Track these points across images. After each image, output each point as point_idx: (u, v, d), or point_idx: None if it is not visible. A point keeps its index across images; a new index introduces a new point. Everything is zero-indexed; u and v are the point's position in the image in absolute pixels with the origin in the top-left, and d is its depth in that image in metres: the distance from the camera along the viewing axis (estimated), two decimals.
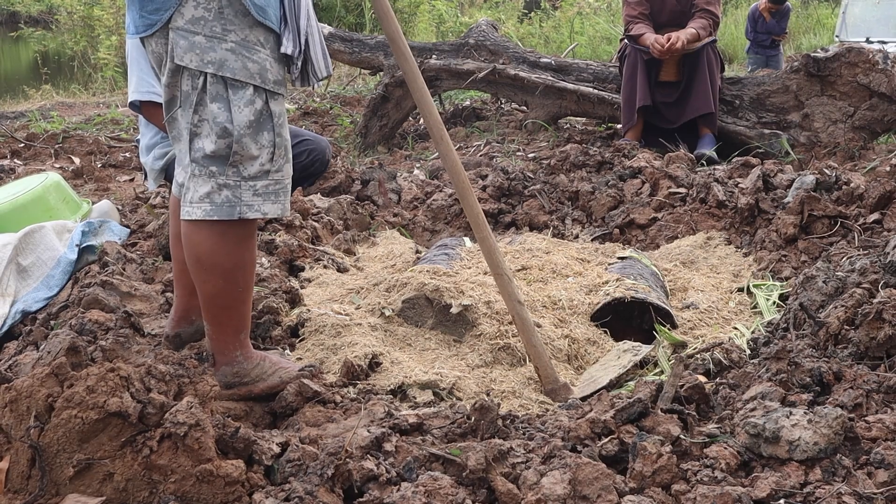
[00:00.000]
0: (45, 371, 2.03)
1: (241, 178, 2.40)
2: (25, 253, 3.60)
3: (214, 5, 2.34)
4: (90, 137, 7.42)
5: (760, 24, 11.56)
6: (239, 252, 2.47)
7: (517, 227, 4.68)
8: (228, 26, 2.35)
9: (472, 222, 2.85)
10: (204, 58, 2.33)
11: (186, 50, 2.33)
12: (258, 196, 2.43)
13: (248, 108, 2.38)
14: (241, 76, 2.36)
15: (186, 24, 2.33)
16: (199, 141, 2.38)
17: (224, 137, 2.36)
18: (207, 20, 2.34)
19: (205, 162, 2.38)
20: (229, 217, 2.39)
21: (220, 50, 2.34)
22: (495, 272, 2.83)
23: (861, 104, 5.66)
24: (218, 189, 2.38)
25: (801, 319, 2.84)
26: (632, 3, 6.35)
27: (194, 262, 2.47)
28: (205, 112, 2.37)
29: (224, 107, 2.36)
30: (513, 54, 7.25)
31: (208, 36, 2.34)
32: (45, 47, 18.04)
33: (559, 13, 16.32)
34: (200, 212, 2.39)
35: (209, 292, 2.50)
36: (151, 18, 2.34)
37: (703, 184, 4.47)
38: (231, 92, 2.36)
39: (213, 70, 2.34)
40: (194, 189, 2.40)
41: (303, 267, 3.83)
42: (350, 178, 5.11)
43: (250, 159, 2.40)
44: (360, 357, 2.86)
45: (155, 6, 2.33)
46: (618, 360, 2.93)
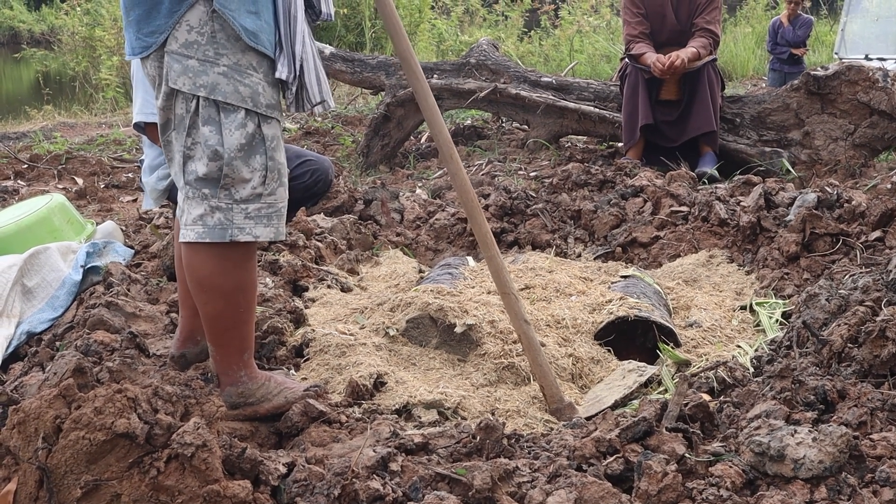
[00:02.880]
0: (52, 392, 2.04)
1: (232, 201, 2.41)
2: (30, 274, 3.61)
3: (207, 30, 2.36)
4: (93, 158, 7.44)
5: (780, 34, 11.61)
6: (239, 274, 2.49)
7: (520, 246, 4.69)
8: (221, 50, 2.37)
9: (480, 241, 2.86)
10: (196, 81, 2.35)
11: (180, 73, 2.35)
12: (250, 219, 2.43)
13: (240, 132, 2.39)
14: (232, 100, 2.38)
15: (180, 47, 2.35)
16: (192, 164, 2.40)
17: (215, 160, 2.37)
18: (200, 44, 2.36)
19: (198, 184, 2.40)
20: (220, 239, 2.40)
21: (213, 73, 2.36)
22: (503, 291, 2.83)
23: (861, 122, 5.67)
24: (210, 211, 2.40)
25: (804, 337, 2.85)
26: (632, 22, 6.37)
27: (195, 285, 2.48)
28: (197, 135, 2.38)
29: (216, 130, 2.37)
30: (514, 73, 7.27)
31: (201, 60, 2.35)
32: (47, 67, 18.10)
33: (559, 32, 16.37)
34: (194, 234, 2.41)
35: (211, 314, 2.51)
36: (147, 41, 2.38)
37: (704, 202, 4.48)
38: (223, 115, 2.37)
39: (205, 93, 2.36)
40: (188, 211, 2.42)
41: (307, 287, 3.84)
42: (353, 198, 5.13)
43: (242, 182, 2.41)
44: (364, 377, 2.87)
45: (150, 29, 2.37)
46: (623, 381, 2.94)
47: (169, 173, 4.21)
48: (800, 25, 11.55)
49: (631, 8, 6.40)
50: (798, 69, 11.22)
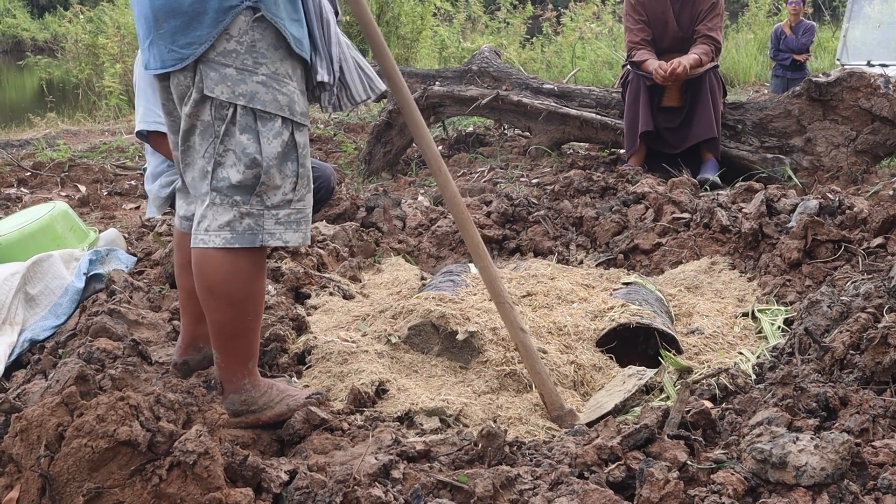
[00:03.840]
0: (55, 400, 2.04)
1: (264, 207, 2.42)
2: (33, 282, 3.62)
3: (247, 39, 2.37)
4: (96, 165, 7.45)
5: (783, 41, 11.64)
6: (251, 281, 2.49)
7: (522, 253, 4.69)
8: (260, 59, 2.39)
9: (472, 252, 2.88)
10: (235, 90, 2.36)
11: (217, 82, 2.36)
12: (280, 224, 2.45)
13: (277, 140, 2.42)
14: (271, 108, 2.41)
15: (217, 56, 2.36)
16: (223, 170, 2.40)
17: (252, 168, 2.38)
18: (239, 53, 2.37)
19: (229, 191, 2.40)
20: (251, 245, 2.41)
21: (251, 82, 2.38)
22: (497, 300, 2.85)
23: (863, 128, 5.67)
24: (240, 217, 2.40)
25: (806, 344, 2.85)
26: (634, 29, 6.38)
27: (206, 291, 2.48)
28: (231, 142, 2.38)
29: (253, 138, 2.39)
30: (515, 80, 7.29)
31: (239, 68, 2.37)
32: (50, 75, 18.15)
33: (561, 38, 16.40)
34: (220, 240, 2.40)
35: (219, 321, 2.51)
36: (183, 52, 2.36)
37: (706, 209, 4.48)
38: (260, 123, 2.40)
39: (245, 102, 2.37)
40: (213, 217, 2.41)
41: (309, 294, 3.84)
42: (355, 205, 5.13)
43: (274, 189, 2.43)
44: (366, 384, 2.87)
45: (188, 40, 2.35)
46: (623, 385, 2.94)
47: (172, 181, 4.23)
48: (803, 32, 11.58)
49: (633, 15, 6.41)
50: (801, 75, 11.24)
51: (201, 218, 2.43)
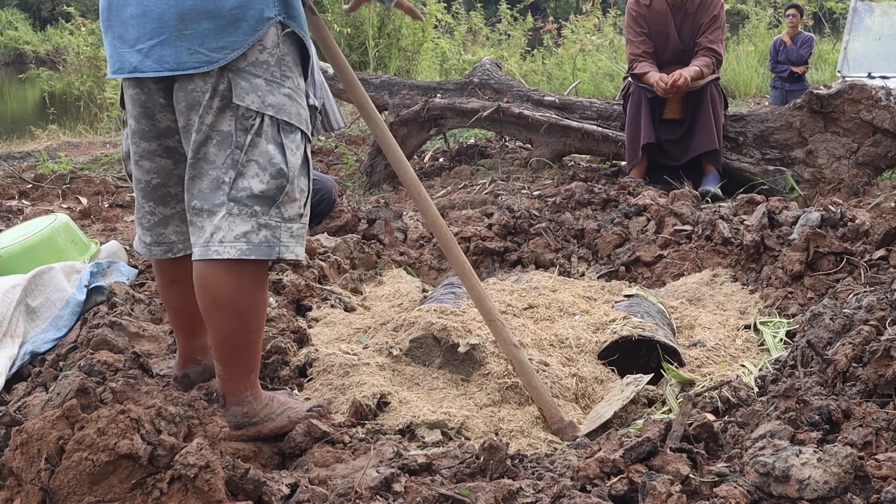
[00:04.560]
0: (55, 413, 2.04)
1: (281, 220, 2.43)
2: (34, 294, 3.61)
3: (277, 52, 2.40)
4: (97, 178, 7.45)
5: (783, 53, 11.68)
6: (255, 293, 2.49)
7: (523, 266, 4.69)
8: (287, 73, 2.42)
9: (458, 273, 2.90)
10: (265, 100, 2.38)
11: (248, 91, 2.36)
12: (293, 238, 2.46)
13: (299, 152, 2.45)
14: (294, 121, 2.44)
15: (248, 66, 2.37)
16: (243, 181, 2.38)
17: (277, 178, 2.39)
18: (270, 65, 2.39)
19: (249, 201, 2.38)
20: (267, 256, 2.41)
21: (279, 94, 2.40)
22: (488, 319, 2.87)
23: (864, 140, 5.68)
24: (257, 228, 2.39)
25: (808, 357, 2.84)
26: (635, 41, 6.40)
27: (210, 304, 2.47)
28: (255, 153, 2.38)
29: (279, 149, 2.40)
30: (517, 92, 7.29)
31: (268, 80, 2.38)
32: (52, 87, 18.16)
33: (562, 50, 16.42)
34: (235, 251, 2.38)
35: (223, 333, 2.50)
36: (212, 56, 2.34)
37: (708, 221, 4.48)
38: (283, 135, 2.42)
39: (273, 113, 2.38)
40: (228, 228, 2.39)
41: (310, 306, 3.84)
42: (356, 218, 5.14)
43: (292, 201, 2.44)
44: (368, 397, 2.87)
45: (221, 44, 2.33)
46: (621, 394, 2.94)
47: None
48: (801, 44, 11.61)
49: (634, 27, 6.42)
50: (799, 87, 11.27)
51: (214, 229, 2.40)
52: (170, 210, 2.70)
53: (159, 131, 2.57)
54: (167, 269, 2.81)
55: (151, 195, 2.67)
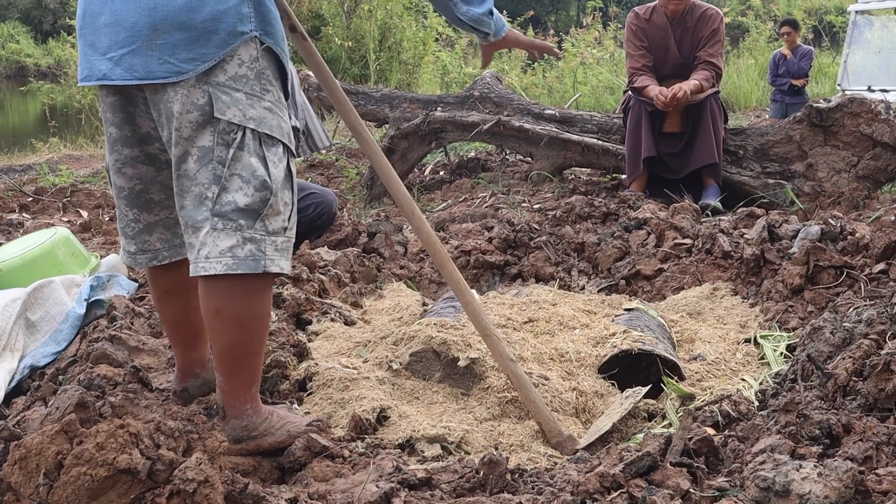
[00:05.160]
0: (54, 428, 2.04)
1: (266, 233, 2.42)
2: (34, 308, 3.61)
3: (257, 66, 2.41)
4: (98, 191, 7.46)
5: (782, 65, 11.72)
6: (259, 303, 2.50)
7: (523, 279, 4.69)
8: (267, 87, 2.44)
9: (453, 289, 2.91)
10: (246, 113, 2.39)
11: (229, 105, 2.37)
12: (277, 251, 2.46)
13: (281, 165, 2.46)
14: (276, 134, 2.44)
15: (228, 80, 2.37)
16: (227, 195, 2.38)
17: (262, 190, 2.40)
18: (249, 79, 2.40)
19: (234, 215, 2.39)
20: (253, 270, 2.40)
21: (259, 108, 2.41)
22: (484, 334, 2.87)
23: (864, 154, 5.68)
24: (242, 242, 2.39)
25: (808, 371, 2.84)
26: (635, 55, 6.41)
27: (213, 314, 2.47)
28: (237, 166, 2.38)
29: (261, 162, 2.40)
30: (517, 106, 7.31)
31: (248, 94, 2.39)
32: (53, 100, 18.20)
33: (562, 63, 16.46)
34: (221, 266, 2.38)
35: (225, 344, 2.50)
36: (182, 67, 2.34)
37: (708, 234, 4.48)
38: (265, 148, 2.42)
39: (254, 126, 2.39)
40: (213, 243, 2.39)
41: (310, 320, 3.83)
42: (356, 231, 5.14)
43: (276, 215, 2.44)
44: (367, 411, 2.86)
45: (191, 55, 2.34)
46: (620, 407, 2.94)
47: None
48: (801, 57, 11.65)
49: (634, 41, 6.44)
50: (799, 100, 11.30)
51: (200, 245, 2.40)
52: (154, 217, 2.71)
53: (140, 137, 2.59)
54: (160, 281, 2.82)
55: (135, 202, 2.68)
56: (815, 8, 22.34)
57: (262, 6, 2.43)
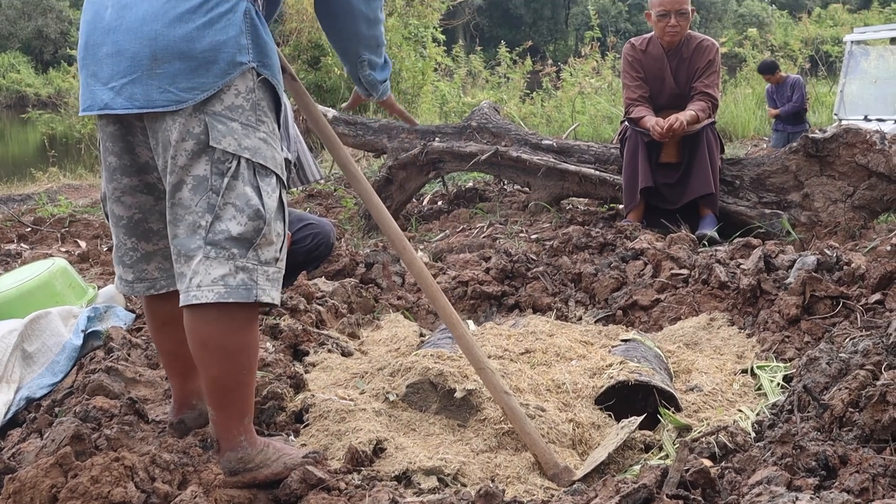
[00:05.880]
0: (49, 461, 2.04)
1: (258, 263, 2.44)
2: (31, 339, 3.61)
3: (253, 97, 2.44)
4: (96, 221, 7.48)
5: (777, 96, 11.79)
6: (245, 334, 2.50)
7: (520, 310, 4.69)
8: (262, 118, 2.46)
9: (447, 323, 2.92)
10: (241, 143, 2.41)
11: (225, 134, 2.39)
12: (269, 281, 2.47)
13: (274, 195, 2.47)
14: (270, 164, 2.46)
15: (224, 110, 2.39)
16: (221, 223, 2.40)
17: (255, 220, 2.41)
18: (245, 109, 2.42)
19: (227, 244, 2.40)
20: (245, 300, 2.41)
21: (254, 138, 2.43)
22: (478, 367, 2.88)
23: (860, 184, 5.70)
24: (234, 271, 2.40)
25: (805, 402, 2.84)
26: (632, 86, 6.45)
27: (200, 346, 2.48)
28: (232, 195, 2.40)
29: (255, 192, 2.42)
30: (515, 136, 7.34)
31: (244, 124, 2.42)
32: (53, 130, 18.27)
33: (560, 93, 16.53)
34: (213, 294, 2.39)
35: (214, 375, 2.50)
36: (182, 96, 2.36)
37: (705, 265, 4.49)
38: (259, 178, 2.44)
39: (249, 155, 2.41)
40: (205, 272, 2.40)
41: (307, 351, 3.83)
42: (354, 262, 5.14)
43: (269, 245, 2.46)
44: (364, 443, 2.86)
45: (191, 85, 2.36)
46: (616, 437, 2.93)
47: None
48: (791, 87, 11.70)
49: (630, 72, 6.47)
50: (801, 129, 11.34)
51: (192, 274, 2.42)
52: (152, 246, 2.72)
53: (139, 166, 2.61)
54: (157, 312, 2.83)
55: (133, 231, 2.70)
56: (812, 38, 22.45)
57: (260, 38, 2.46)
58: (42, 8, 46.15)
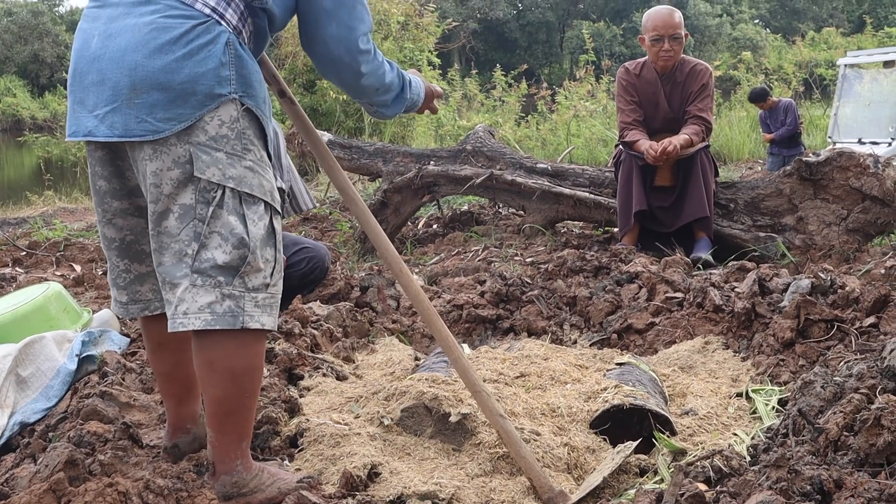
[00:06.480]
0: (42, 487, 2.03)
1: (245, 290, 2.45)
2: (25, 364, 3.61)
3: (238, 126, 2.45)
4: (91, 245, 7.48)
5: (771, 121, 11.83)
6: (251, 356, 2.52)
7: (515, 333, 4.69)
8: (249, 146, 2.47)
9: (443, 346, 2.92)
10: (226, 172, 2.42)
11: (209, 164, 2.40)
12: (258, 307, 2.48)
13: (262, 223, 2.48)
14: (256, 192, 2.47)
15: (209, 140, 2.41)
16: (207, 252, 2.42)
17: (240, 248, 2.43)
18: (230, 139, 2.43)
19: (212, 272, 2.42)
20: (231, 326, 2.43)
21: (240, 167, 2.44)
22: (473, 390, 2.88)
23: (854, 207, 5.72)
24: (221, 299, 2.42)
25: (800, 425, 2.84)
26: (626, 110, 6.48)
27: (206, 367, 2.49)
28: (217, 224, 2.42)
29: (240, 220, 2.43)
30: (509, 160, 7.36)
31: (229, 153, 2.43)
32: (49, 153, 18.29)
33: (556, 116, 16.59)
34: (200, 322, 2.41)
35: (218, 397, 2.51)
36: (159, 126, 2.37)
37: (699, 288, 4.50)
38: (245, 206, 2.45)
39: (234, 185, 2.43)
40: (192, 300, 2.42)
41: (302, 375, 3.83)
42: (349, 285, 5.14)
43: (256, 271, 2.47)
44: (358, 467, 2.85)
45: (168, 115, 2.37)
46: (612, 462, 2.93)
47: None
48: (784, 111, 11.74)
49: (624, 96, 6.51)
50: (796, 151, 11.38)
51: (178, 301, 2.43)
52: (145, 267, 2.74)
53: (129, 190, 2.63)
54: (153, 333, 2.84)
55: (126, 252, 2.71)
56: (806, 61, 22.58)
57: (245, 69, 2.47)
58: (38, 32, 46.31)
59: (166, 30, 2.38)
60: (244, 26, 2.52)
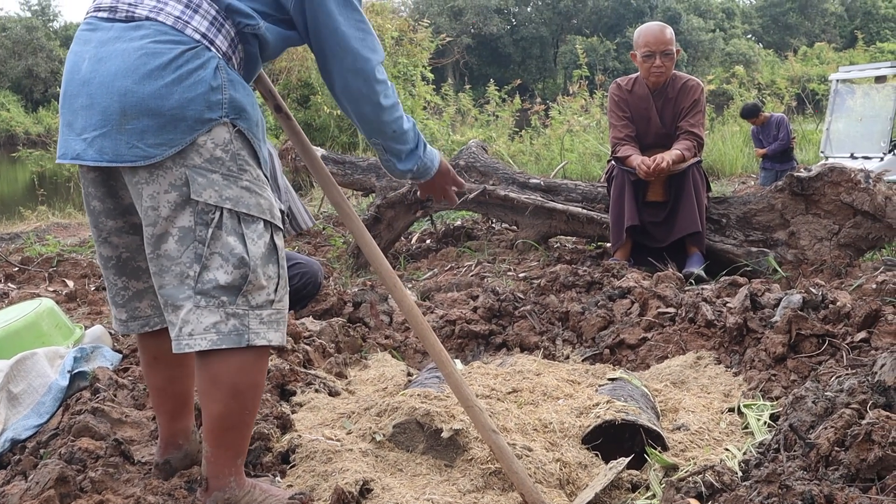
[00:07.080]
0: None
1: (249, 308, 2.47)
2: (17, 380, 3.60)
3: (232, 148, 2.46)
4: (84, 260, 7.47)
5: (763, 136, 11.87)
6: (256, 374, 2.54)
7: (508, 349, 4.69)
8: (245, 167, 2.48)
9: (436, 361, 2.92)
10: (222, 194, 2.43)
11: (205, 186, 2.41)
12: (263, 324, 2.49)
13: (261, 241, 2.50)
14: (254, 211, 2.49)
15: (204, 163, 2.41)
16: (208, 273, 2.43)
17: (240, 267, 2.44)
18: (224, 161, 2.44)
19: (216, 293, 2.43)
20: (236, 345, 2.44)
21: (236, 188, 2.45)
22: (466, 405, 2.88)
23: (845, 222, 5.73)
24: (225, 318, 2.44)
25: (791, 441, 2.84)
26: (618, 125, 6.50)
27: (209, 382, 2.50)
28: (217, 245, 2.43)
29: (239, 240, 2.45)
30: (502, 175, 7.37)
31: (225, 175, 2.44)
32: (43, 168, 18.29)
33: (549, 131, 16.62)
34: (206, 342, 2.42)
35: (218, 413, 2.52)
36: (150, 152, 2.38)
37: (691, 303, 4.50)
38: (244, 226, 2.46)
39: (231, 206, 2.44)
40: (197, 321, 2.43)
41: (294, 391, 3.83)
42: (342, 301, 5.14)
43: (259, 289, 2.48)
44: (350, 483, 2.85)
45: (159, 141, 2.37)
46: (604, 477, 2.93)
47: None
48: (776, 126, 11.79)
49: (616, 111, 6.53)
50: (789, 166, 11.41)
51: (182, 323, 2.44)
52: (143, 284, 2.74)
53: (123, 208, 2.64)
54: (150, 347, 2.84)
55: (123, 270, 2.72)
56: (798, 76, 22.68)
57: (237, 92, 2.48)
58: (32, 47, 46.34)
59: (156, 55, 2.38)
60: (234, 52, 2.53)
